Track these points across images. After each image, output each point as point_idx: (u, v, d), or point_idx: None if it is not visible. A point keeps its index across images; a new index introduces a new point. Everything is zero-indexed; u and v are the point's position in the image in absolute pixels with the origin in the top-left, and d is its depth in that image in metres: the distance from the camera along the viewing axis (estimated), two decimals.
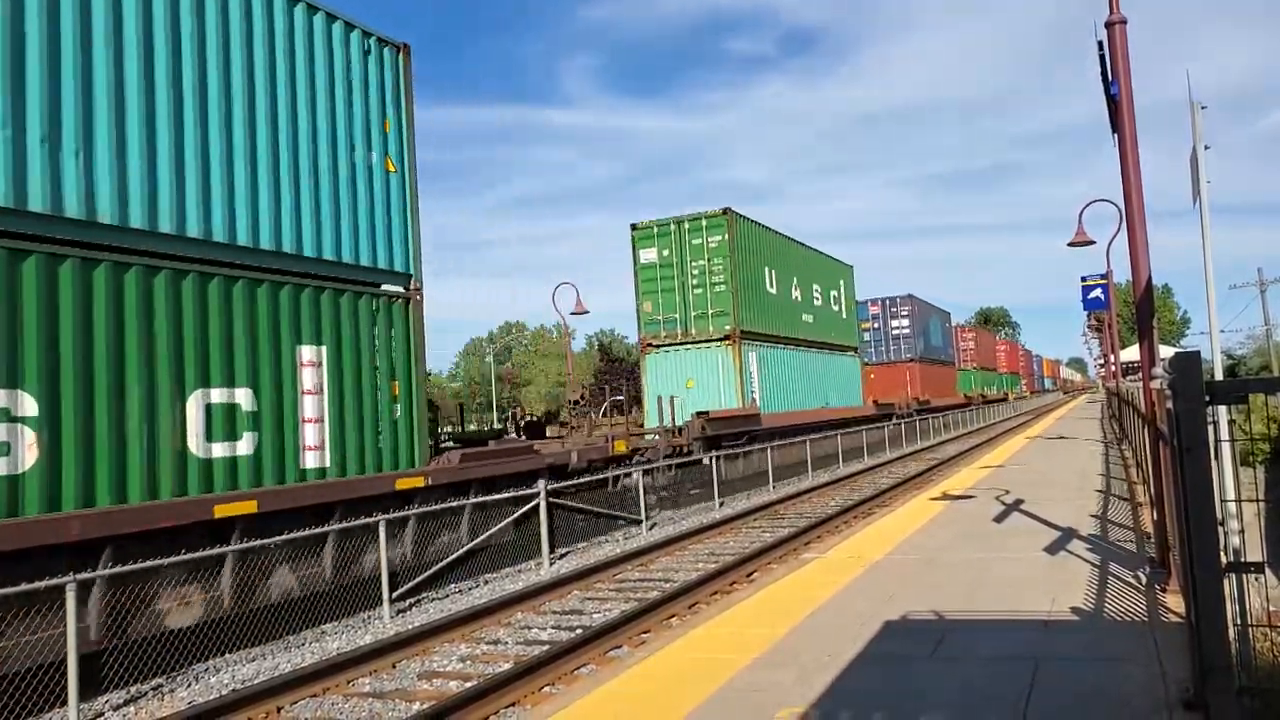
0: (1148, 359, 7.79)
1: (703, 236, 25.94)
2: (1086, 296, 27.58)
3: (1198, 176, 6.21)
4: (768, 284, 28.23)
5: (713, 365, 25.67)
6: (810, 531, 15.06)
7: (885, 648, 6.35)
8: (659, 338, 26.33)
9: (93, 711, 8.17)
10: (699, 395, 25.20)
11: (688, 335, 25.99)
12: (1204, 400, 4.01)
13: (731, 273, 25.47)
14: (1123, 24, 7.52)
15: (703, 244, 25.96)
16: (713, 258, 25.84)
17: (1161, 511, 7.61)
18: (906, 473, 25.40)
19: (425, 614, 11.39)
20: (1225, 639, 3.91)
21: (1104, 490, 14.28)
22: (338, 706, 7.91)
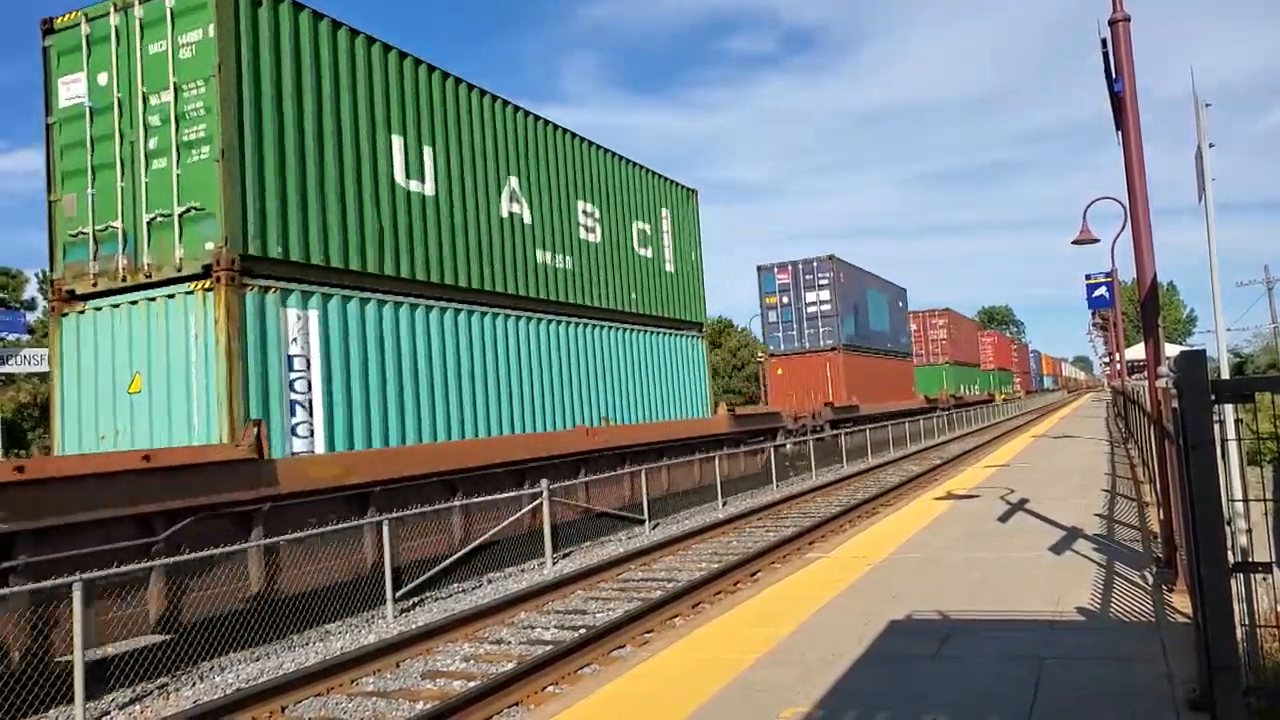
0: (1153, 357, 7.75)
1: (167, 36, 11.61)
2: (1091, 295, 27.49)
3: (1203, 173, 6.19)
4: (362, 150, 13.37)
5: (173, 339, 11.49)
6: (814, 531, 15.04)
7: (890, 647, 6.33)
8: (89, 274, 11.99)
9: (98, 710, 8.18)
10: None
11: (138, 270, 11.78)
12: (1210, 399, 3.99)
13: (221, 104, 11.19)
14: (1126, 21, 7.49)
15: (167, 52, 11.61)
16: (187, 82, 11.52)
17: (1168, 511, 7.57)
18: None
19: (428, 613, 11.39)
20: (1232, 639, 3.89)
21: (1110, 489, 14.24)
22: (341, 706, 7.91)
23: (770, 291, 35.56)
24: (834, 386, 33.32)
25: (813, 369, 33.95)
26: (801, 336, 34.76)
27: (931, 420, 42.26)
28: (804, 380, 33.67)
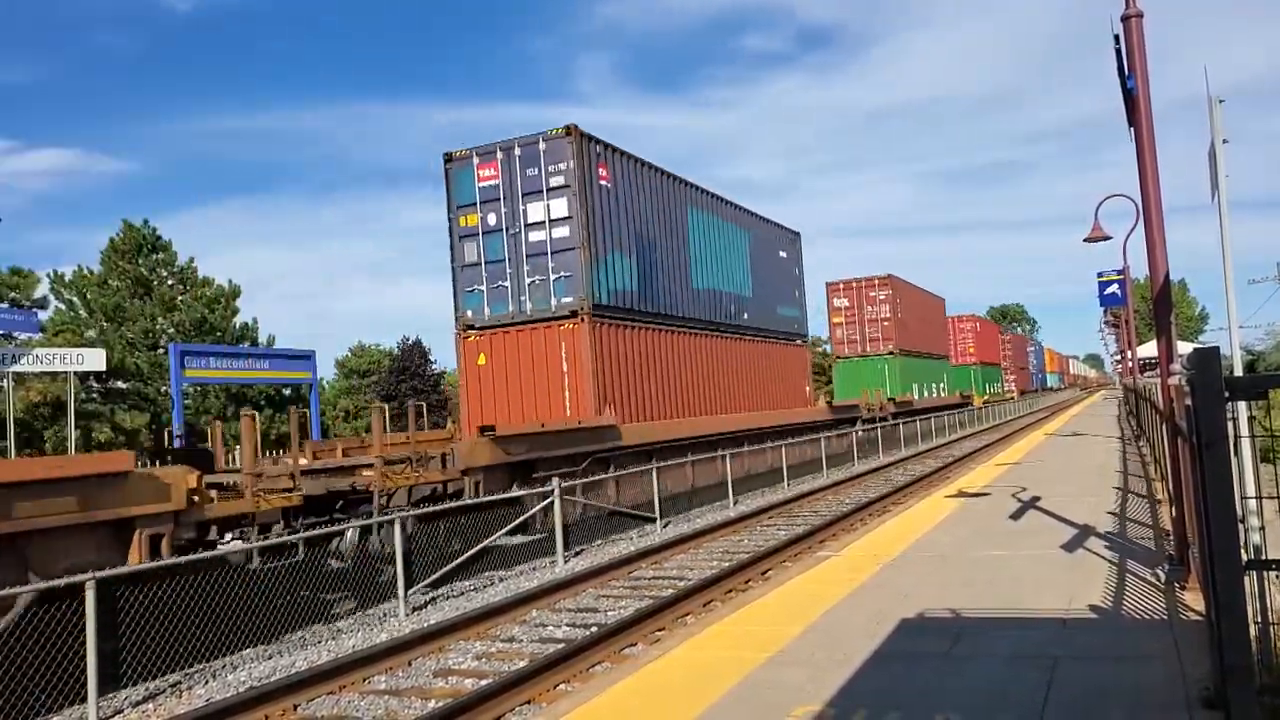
0: (1166, 355, 7.72)
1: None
2: (1103, 292, 27.40)
3: (1216, 171, 6.15)
4: None
5: None
6: (825, 529, 15.03)
7: (901, 646, 6.33)
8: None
9: (112, 708, 8.24)
10: None
11: None
12: (1223, 396, 3.97)
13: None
14: (1139, 17, 7.46)
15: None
16: None
17: (1180, 508, 7.54)
18: (916, 472, 25.30)
19: (441, 611, 11.43)
20: (1246, 637, 3.87)
21: (1121, 487, 14.17)
22: (354, 704, 7.95)
23: (468, 206, 19.19)
24: (575, 392, 18.17)
25: (542, 353, 18.44)
26: (519, 295, 18.68)
27: (842, 439, 29.54)
28: (530, 372, 18.57)
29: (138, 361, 40.13)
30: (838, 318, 42.60)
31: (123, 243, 42.62)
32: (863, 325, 41.97)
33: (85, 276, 42.09)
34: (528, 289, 18.80)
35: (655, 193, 21.74)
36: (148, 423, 39.10)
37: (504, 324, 19.00)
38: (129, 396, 40.13)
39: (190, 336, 40.77)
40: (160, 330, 41.32)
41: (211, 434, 15.02)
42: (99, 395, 39.39)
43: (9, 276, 39.58)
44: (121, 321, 41.01)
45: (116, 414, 38.36)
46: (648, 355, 20.32)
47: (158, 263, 43.56)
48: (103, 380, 38.61)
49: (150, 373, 40.17)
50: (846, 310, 42.41)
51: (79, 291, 41.95)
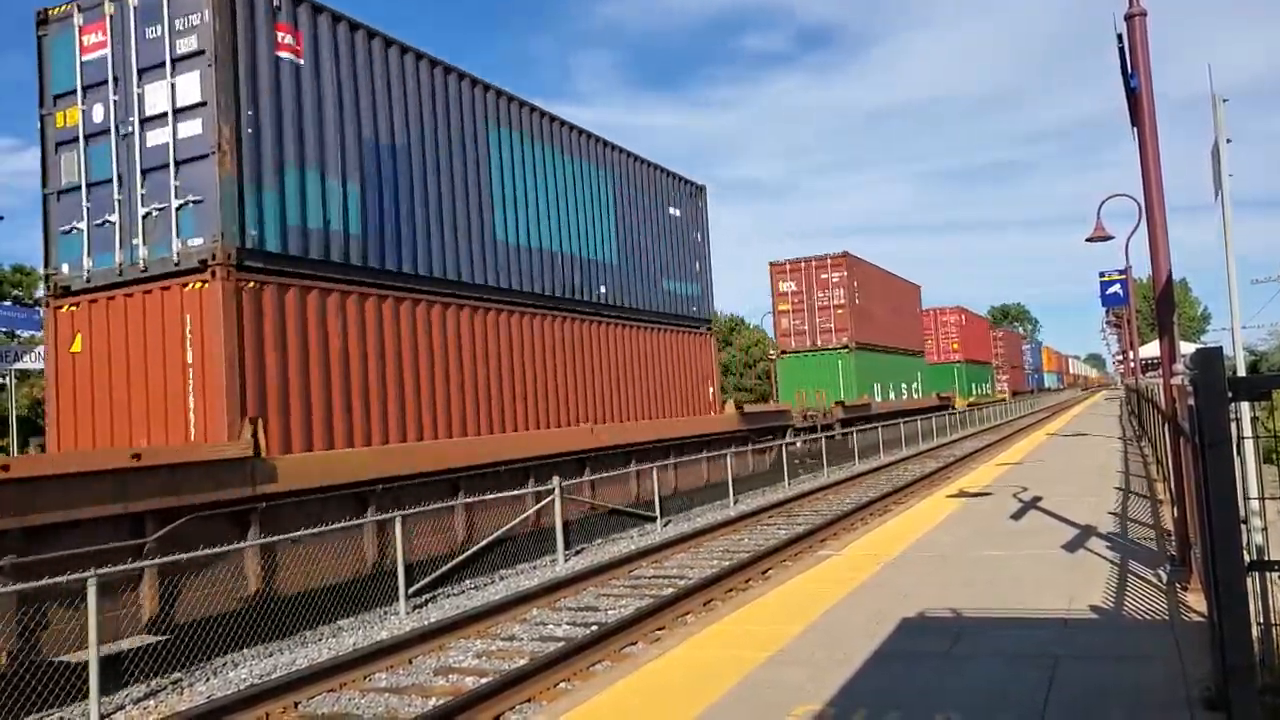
0: (1168, 355, 7.70)
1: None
2: (1105, 292, 27.32)
3: (1219, 170, 6.14)
4: None
5: None
6: (826, 529, 15.02)
7: (901, 645, 6.32)
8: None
9: (113, 705, 8.25)
10: None
11: None
12: (1227, 396, 3.96)
13: None
14: (1143, 16, 7.44)
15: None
16: None
17: (1182, 509, 7.53)
18: (922, 470, 25.28)
19: (441, 610, 11.43)
20: (1248, 638, 3.86)
21: (1123, 487, 14.16)
22: (354, 702, 7.95)
23: (66, 95, 12.31)
24: (202, 398, 10.96)
25: (159, 332, 11.36)
26: (132, 237, 11.58)
27: (768, 455, 24.32)
28: (142, 364, 11.41)
29: None
30: (783, 304, 34.96)
31: None
32: (812, 314, 34.55)
33: None
34: (142, 226, 11.42)
35: (419, 92, 14.22)
36: None
37: (110, 285, 11.63)
38: None
39: None
40: None
41: None
42: None
43: (11, 274, 39.65)
44: None
45: None
46: (388, 338, 12.94)
47: None
48: None
49: None
50: (794, 296, 34.62)
51: None
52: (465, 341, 14.58)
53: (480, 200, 15.44)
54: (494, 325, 15.36)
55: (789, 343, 35.37)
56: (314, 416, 11.72)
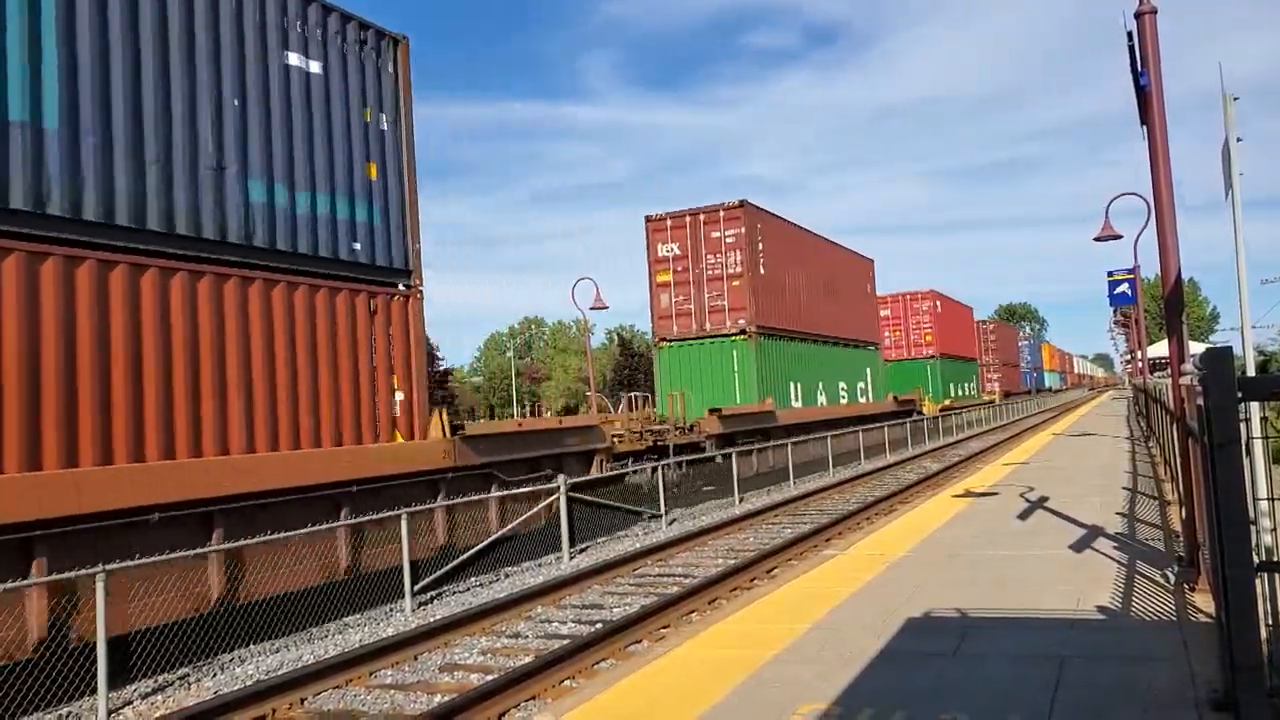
0: (1177, 354, 7.67)
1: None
2: (1113, 292, 27.20)
3: (1230, 169, 6.11)
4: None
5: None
6: (831, 528, 15.00)
7: (907, 645, 6.30)
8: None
9: (121, 700, 8.28)
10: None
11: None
12: (1236, 397, 3.94)
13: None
14: (1153, 14, 7.40)
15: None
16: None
17: (1190, 509, 7.50)
18: (926, 470, 25.24)
19: (446, 607, 11.45)
20: (1256, 638, 3.84)
21: (1131, 488, 14.11)
22: (360, 698, 7.97)
23: None
24: None
25: None
26: None
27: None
28: None
29: None
30: (663, 275, 25.86)
31: None
32: (700, 288, 25.56)
33: None
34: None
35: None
36: None
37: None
38: None
39: None
40: None
41: None
42: None
43: None
44: None
45: None
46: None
47: None
48: None
49: None
50: (675, 262, 25.69)
51: None
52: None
53: None
54: None
55: (669, 328, 26.24)
56: None
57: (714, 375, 25.54)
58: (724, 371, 25.54)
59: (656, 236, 26.26)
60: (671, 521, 17.91)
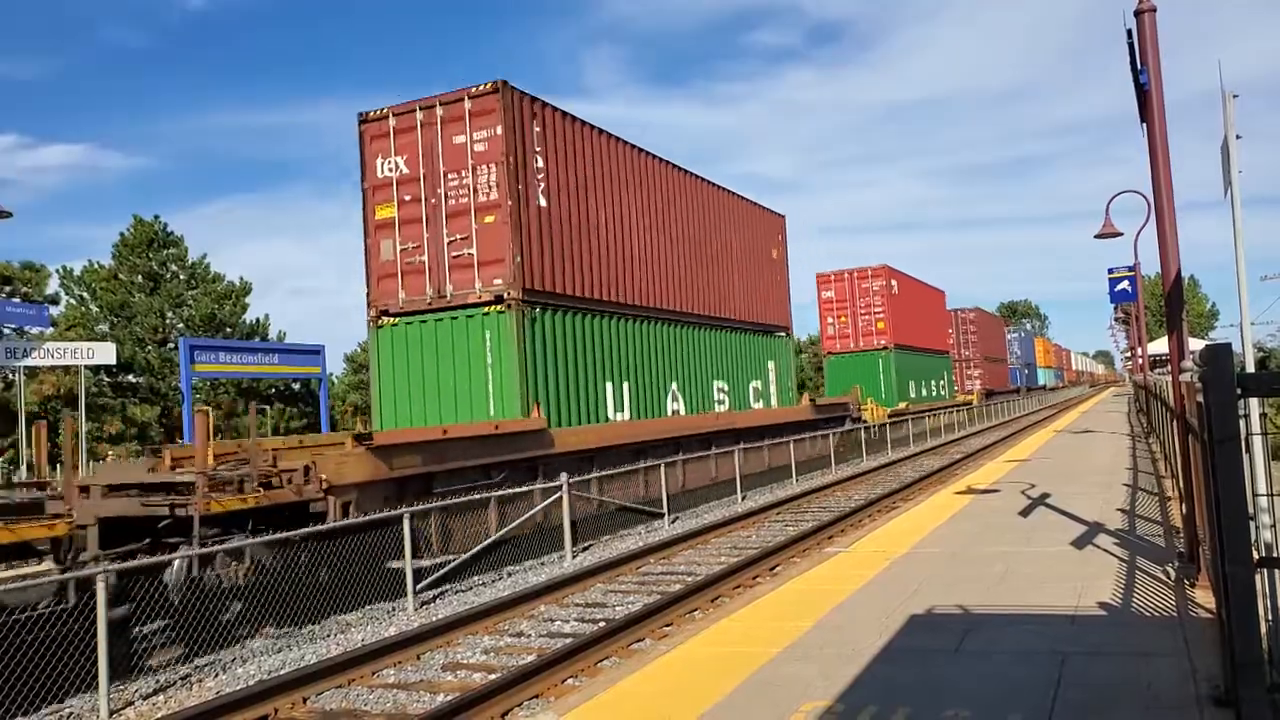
0: (1177, 352, 7.68)
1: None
2: (1114, 289, 27.21)
3: (1229, 167, 6.12)
4: None
5: None
6: (833, 525, 15.01)
7: (910, 642, 6.32)
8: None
9: (122, 700, 8.29)
10: None
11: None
12: (1236, 393, 3.95)
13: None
14: (1152, 12, 7.41)
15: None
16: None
17: (1191, 506, 7.51)
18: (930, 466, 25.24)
19: (449, 606, 11.46)
20: (1257, 634, 3.85)
21: (1131, 484, 14.13)
22: (363, 697, 7.98)
23: None
24: None
25: None
26: None
27: None
28: None
29: (148, 356, 40.38)
30: (384, 209, 16.64)
31: (133, 238, 42.85)
32: (437, 229, 16.27)
33: (94, 271, 42.35)
34: None
35: None
36: (158, 415, 39.36)
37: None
38: (139, 390, 40.41)
39: (200, 331, 40.96)
40: (170, 325, 41.59)
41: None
42: (110, 389, 39.66)
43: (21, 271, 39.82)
44: (131, 316, 41.25)
45: (128, 407, 38.62)
46: None
47: (169, 258, 43.79)
48: (113, 374, 38.86)
49: (160, 367, 40.45)
50: (402, 187, 16.49)
51: (88, 286, 42.22)
52: None
53: None
54: None
55: (393, 294, 15.17)
56: None
57: (457, 370, 16.15)
58: (471, 365, 16.06)
59: (375, 146, 16.65)
60: (674, 520, 17.92)
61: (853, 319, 40.32)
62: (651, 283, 20.48)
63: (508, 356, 15.72)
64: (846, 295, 40.36)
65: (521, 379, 15.67)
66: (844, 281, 40.52)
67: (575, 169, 17.84)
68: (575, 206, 17.71)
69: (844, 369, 39.23)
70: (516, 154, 16.01)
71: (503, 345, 15.73)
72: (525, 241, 16.00)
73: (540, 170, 16.70)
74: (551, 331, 16.68)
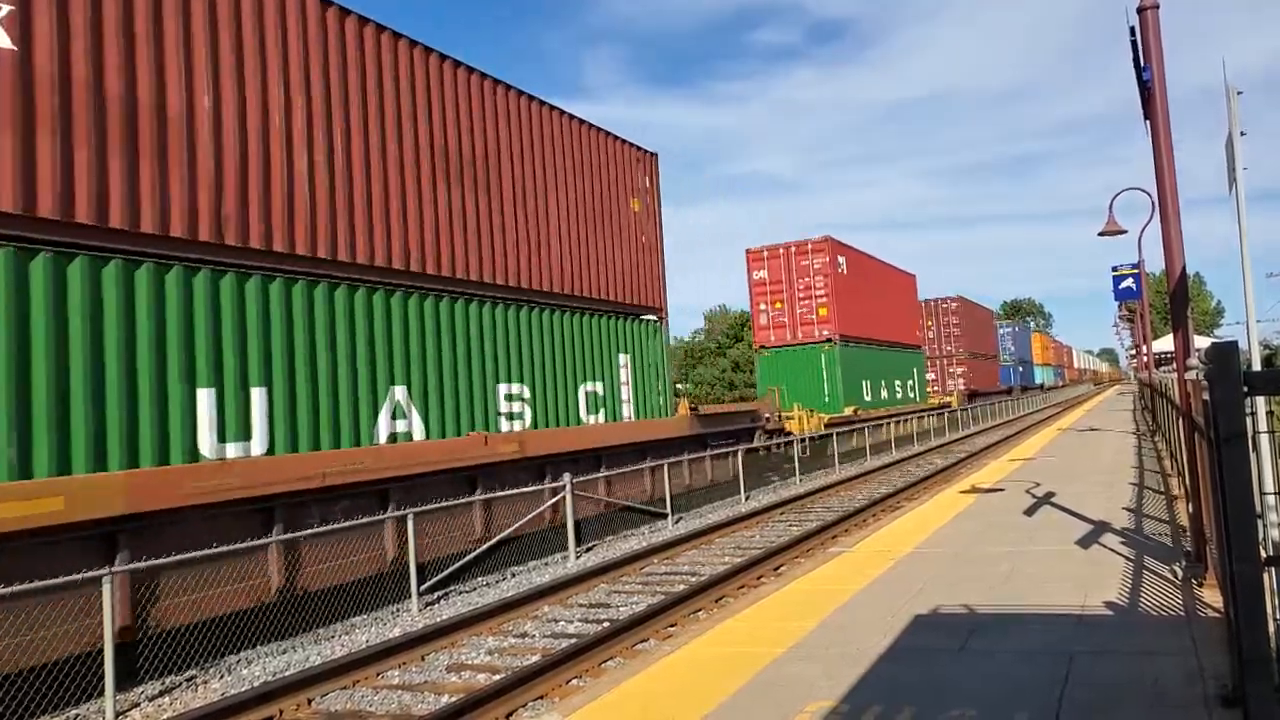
0: (1182, 349, 7.65)
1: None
2: (1118, 286, 27.18)
3: (1234, 163, 6.09)
4: None
5: None
6: (837, 525, 14.99)
7: (914, 642, 6.30)
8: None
9: (128, 702, 8.30)
10: None
11: None
12: (1242, 391, 3.93)
13: None
14: (1155, 9, 7.39)
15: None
16: None
17: (1197, 504, 7.48)
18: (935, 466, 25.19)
19: (453, 607, 11.46)
20: (1265, 633, 3.84)
21: (1137, 483, 14.09)
22: (367, 698, 7.98)
23: None
24: None
25: None
26: None
27: None
28: None
29: None
30: None
31: None
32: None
33: None
34: None
35: None
36: None
37: None
38: None
39: None
40: None
41: None
42: None
43: None
44: None
45: None
46: None
47: None
48: None
49: None
50: None
51: None
52: None
53: None
54: None
55: None
56: None
57: None
58: None
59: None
60: (678, 520, 17.91)
61: (789, 305, 32.06)
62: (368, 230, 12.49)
63: None
64: (782, 276, 32.03)
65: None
66: (779, 259, 32.13)
67: None
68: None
69: (778, 367, 31.86)
70: None
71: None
72: None
73: None
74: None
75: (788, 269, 31.90)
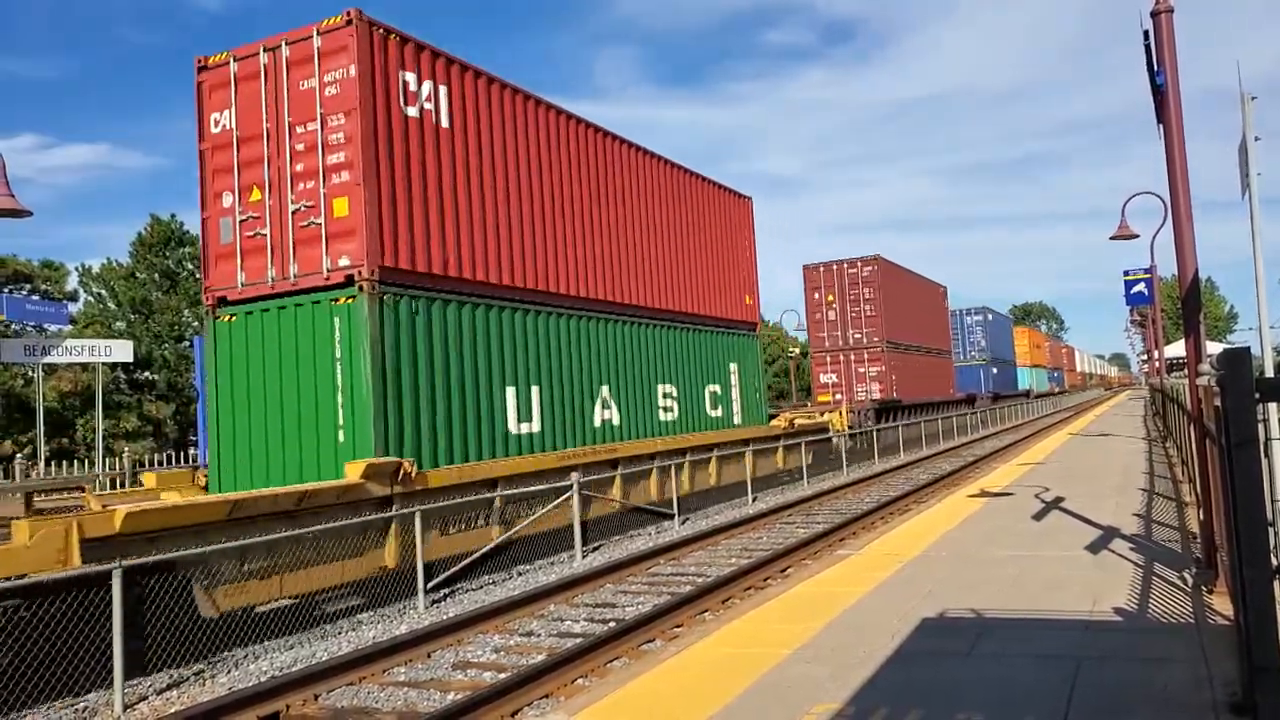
0: (1194, 355, 7.61)
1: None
2: (1129, 291, 27.04)
3: (1247, 168, 6.06)
4: None
5: None
6: (845, 528, 14.95)
7: (922, 645, 6.28)
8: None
9: (136, 695, 8.34)
10: None
11: None
12: (1254, 397, 3.91)
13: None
14: (1169, 13, 7.35)
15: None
16: None
17: (1208, 511, 7.44)
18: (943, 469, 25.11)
19: (459, 605, 11.48)
20: (1275, 640, 3.81)
21: (1147, 488, 14.01)
22: (373, 695, 8.00)
23: None
24: None
25: None
26: None
27: None
28: None
29: (164, 353, 40.65)
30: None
31: (150, 236, 43.14)
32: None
33: (112, 269, 42.70)
34: None
35: None
36: (173, 413, 39.66)
37: None
38: (156, 387, 40.71)
39: None
40: (186, 323, 41.81)
41: None
42: (127, 386, 39.98)
43: (40, 269, 40.20)
44: (149, 314, 41.56)
45: (144, 404, 38.93)
46: None
47: (185, 256, 44.04)
48: (130, 371, 39.17)
49: (177, 363, 40.73)
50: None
51: (106, 284, 42.57)
52: None
53: None
54: None
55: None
56: None
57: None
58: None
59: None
60: (684, 521, 17.90)
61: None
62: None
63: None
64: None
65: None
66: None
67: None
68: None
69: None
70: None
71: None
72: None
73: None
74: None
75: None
